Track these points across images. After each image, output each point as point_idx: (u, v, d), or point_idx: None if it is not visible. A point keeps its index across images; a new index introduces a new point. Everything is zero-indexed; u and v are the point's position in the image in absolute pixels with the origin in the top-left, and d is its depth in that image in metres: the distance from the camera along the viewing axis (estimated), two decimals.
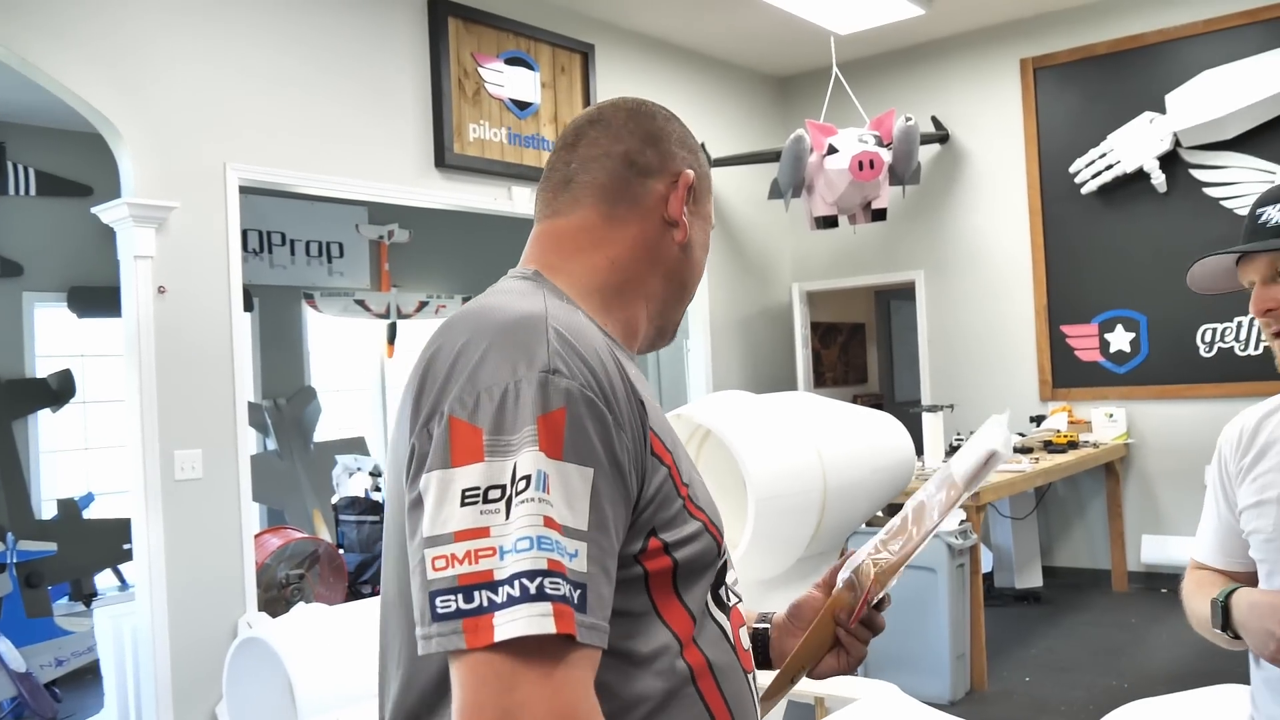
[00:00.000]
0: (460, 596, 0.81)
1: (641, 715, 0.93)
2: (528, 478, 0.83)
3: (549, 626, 0.79)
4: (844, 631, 1.20)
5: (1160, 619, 5.50)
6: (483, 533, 0.82)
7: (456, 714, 0.81)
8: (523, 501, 0.83)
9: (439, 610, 0.82)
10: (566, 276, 1.07)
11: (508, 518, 0.82)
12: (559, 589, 0.81)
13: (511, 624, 0.79)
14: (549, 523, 0.82)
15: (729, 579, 1.07)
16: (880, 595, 1.17)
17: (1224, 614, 1.58)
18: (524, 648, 0.80)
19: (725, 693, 0.99)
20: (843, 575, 1.21)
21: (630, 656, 0.93)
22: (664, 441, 0.97)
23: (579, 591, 0.82)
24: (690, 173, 1.13)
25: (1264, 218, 1.61)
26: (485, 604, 0.80)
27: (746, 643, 1.08)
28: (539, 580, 0.80)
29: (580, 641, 0.81)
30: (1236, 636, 1.59)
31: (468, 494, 0.84)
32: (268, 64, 4.53)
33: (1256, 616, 1.52)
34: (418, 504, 0.87)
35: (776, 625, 1.28)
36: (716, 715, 0.98)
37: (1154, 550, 6.20)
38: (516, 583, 0.80)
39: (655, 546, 0.94)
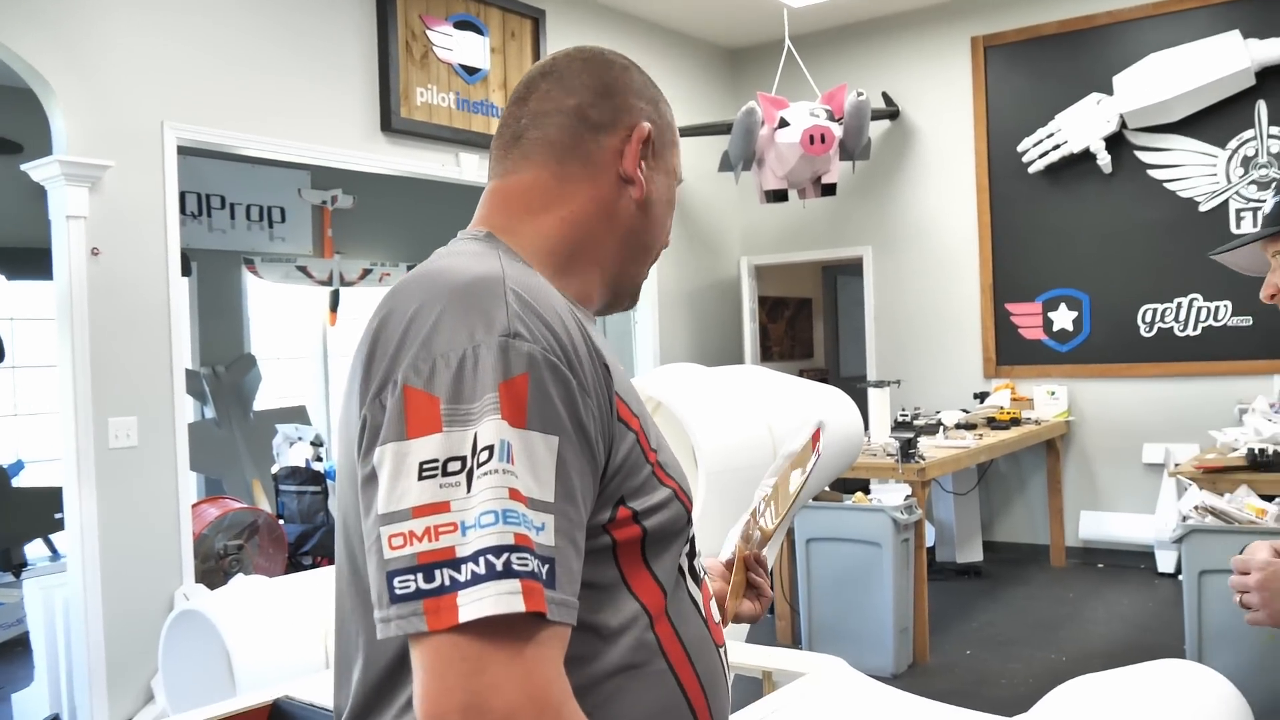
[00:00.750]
0: (420, 576, 0.76)
1: (610, 690, 0.90)
2: (490, 448, 0.78)
3: (518, 605, 0.75)
4: (753, 575, 1.29)
5: (1097, 594, 5.60)
6: (443, 507, 0.77)
7: (420, 700, 0.76)
8: (486, 473, 0.78)
9: (397, 591, 0.77)
10: (519, 238, 1.02)
11: (469, 491, 0.77)
12: (527, 564, 0.76)
13: (477, 603, 0.75)
14: (514, 495, 0.78)
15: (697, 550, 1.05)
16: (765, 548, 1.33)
17: None
18: (491, 627, 0.75)
19: (697, 667, 0.97)
20: (731, 541, 1.32)
21: (598, 629, 0.90)
22: (630, 406, 0.94)
23: (547, 566, 0.78)
24: (647, 125, 1.06)
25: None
26: (447, 583, 0.75)
27: (717, 616, 1.05)
28: (506, 556, 0.76)
29: (550, 619, 0.77)
30: None
31: (425, 467, 0.78)
32: (209, 20, 4.38)
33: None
34: (371, 479, 0.82)
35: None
36: (688, 689, 0.95)
37: (1092, 526, 6.31)
38: (481, 559, 0.75)
39: (624, 515, 0.90)
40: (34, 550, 6.44)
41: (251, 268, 7.54)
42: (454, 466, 0.78)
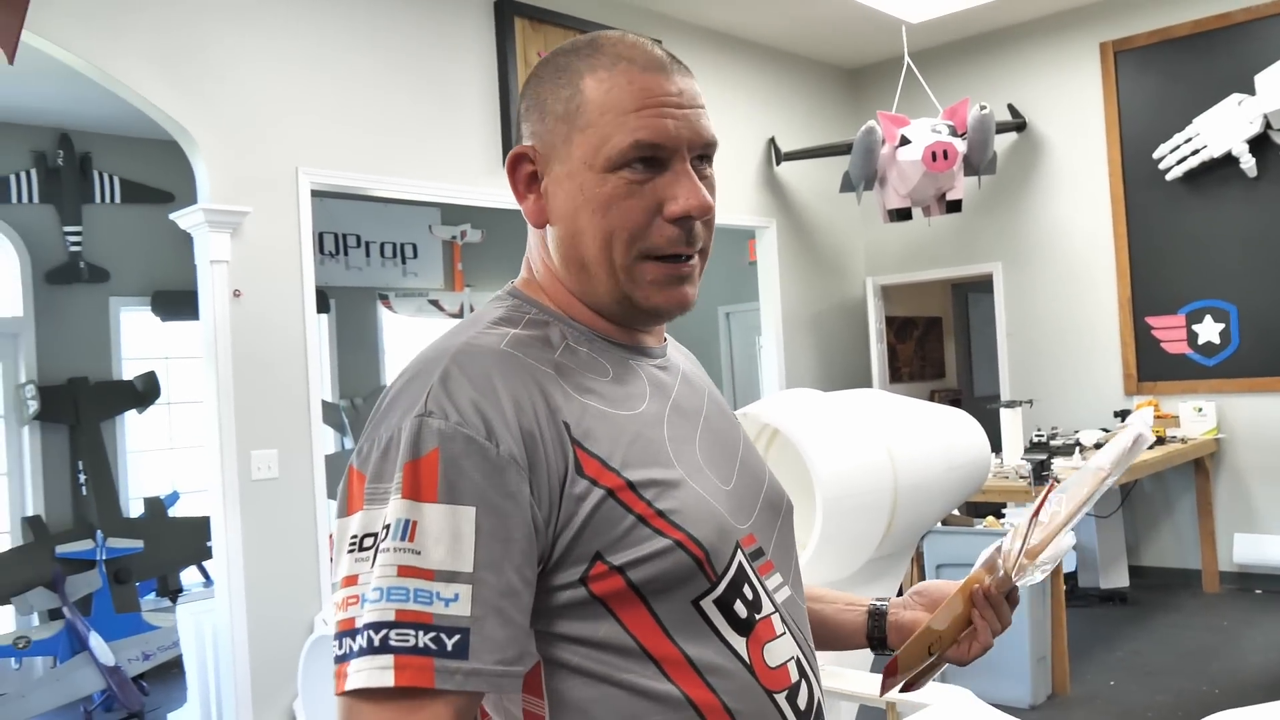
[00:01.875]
0: (339, 642, 0.84)
1: None
2: (388, 526, 0.83)
3: (387, 680, 0.80)
4: (982, 613, 1.13)
5: (1254, 622, 5.29)
6: (353, 580, 0.84)
7: None
8: (381, 551, 0.83)
9: (333, 652, 0.85)
10: (536, 286, 1.05)
11: (371, 566, 0.83)
12: (407, 640, 0.81)
13: (356, 675, 0.81)
14: (405, 571, 0.82)
15: (768, 588, 1.00)
16: (1018, 578, 1.13)
17: None
18: (378, 696, 0.81)
19: (731, 711, 0.93)
20: (982, 557, 1.16)
21: (613, 681, 0.90)
22: (605, 460, 0.91)
23: (456, 637, 0.81)
24: (522, 145, 1.00)
25: None
26: (346, 652, 0.82)
27: (780, 658, 0.98)
28: (384, 632, 0.81)
29: (440, 689, 0.81)
30: None
31: (350, 541, 0.85)
32: (336, 67, 4.59)
33: None
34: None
35: (895, 602, 1.22)
36: None
37: (1247, 549, 5.97)
38: (365, 634, 0.81)
39: (601, 570, 0.89)
40: (189, 577, 6.78)
41: (386, 303, 7.81)
42: (368, 542, 0.84)
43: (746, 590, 0.97)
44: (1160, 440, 5.73)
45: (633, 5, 5.87)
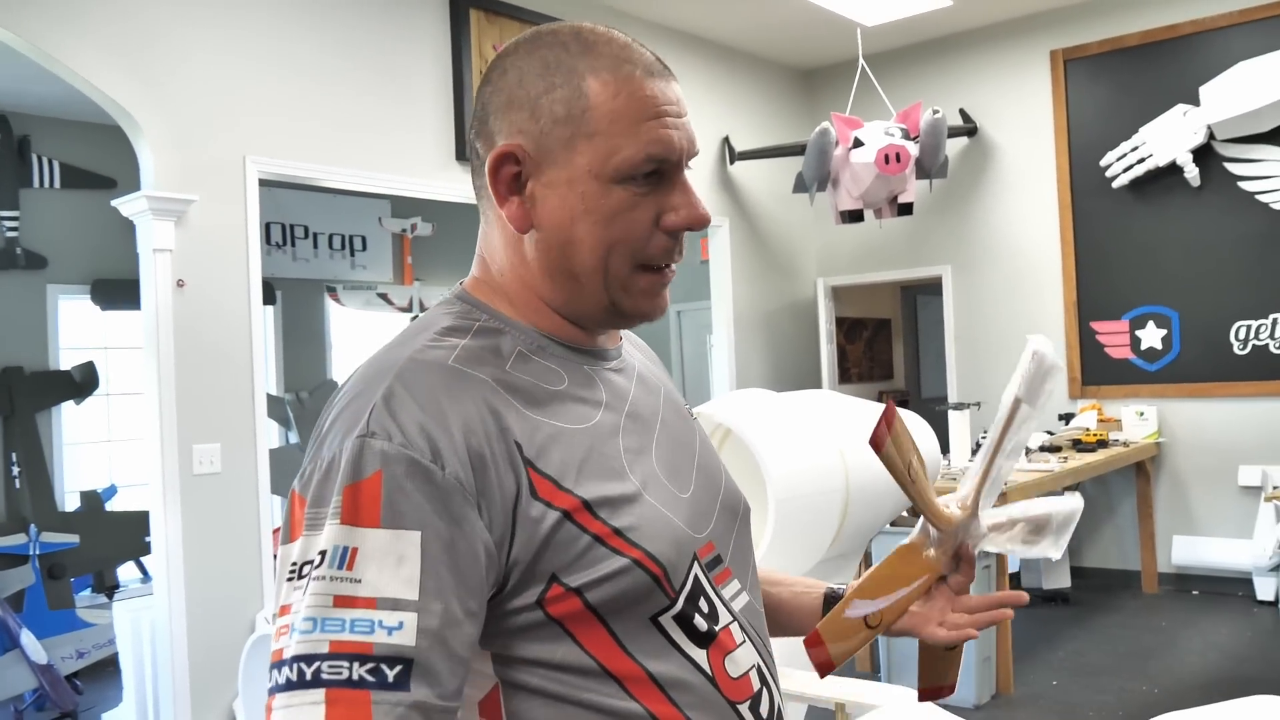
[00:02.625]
0: (270, 674, 0.79)
1: None
2: (324, 553, 0.79)
3: (318, 715, 0.75)
4: (955, 568, 1.09)
5: (1192, 622, 5.39)
6: (286, 609, 0.80)
7: None
8: (314, 579, 0.78)
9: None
10: (488, 289, 0.98)
11: (304, 595, 0.79)
12: (340, 673, 0.76)
13: (284, 710, 0.76)
14: (340, 601, 0.77)
15: (720, 596, 0.97)
16: (998, 540, 1.09)
17: None
18: None
19: None
20: (915, 531, 1.10)
21: (577, 701, 0.87)
22: (558, 481, 0.87)
23: (399, 668, 0.77)
24: (502, 148, 0.92)
25: None
26: (274, 685, 0.78)
27: (741, 668, 0.96)
28: (316, 665, 0.76)
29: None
30: None
31: (290, 569, 0.81)
32: (288, 56, 4.50)
33: None
34: None
35: (852, 587, 1.17)
36: None
37: (1186, 551, 6.09)
38: (295, 666, 0.76)
39: (558, 592, 0.86)
40: (126, 572, 6.63)
41: (334, 295, 7.71)
42: (306, 570, 0.79)
43: (703, 603, 0.94)
44: (1102, 443, 5.82)
45: (591, 1, 5.84)
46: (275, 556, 0.88)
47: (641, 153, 0.91)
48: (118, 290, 6.46)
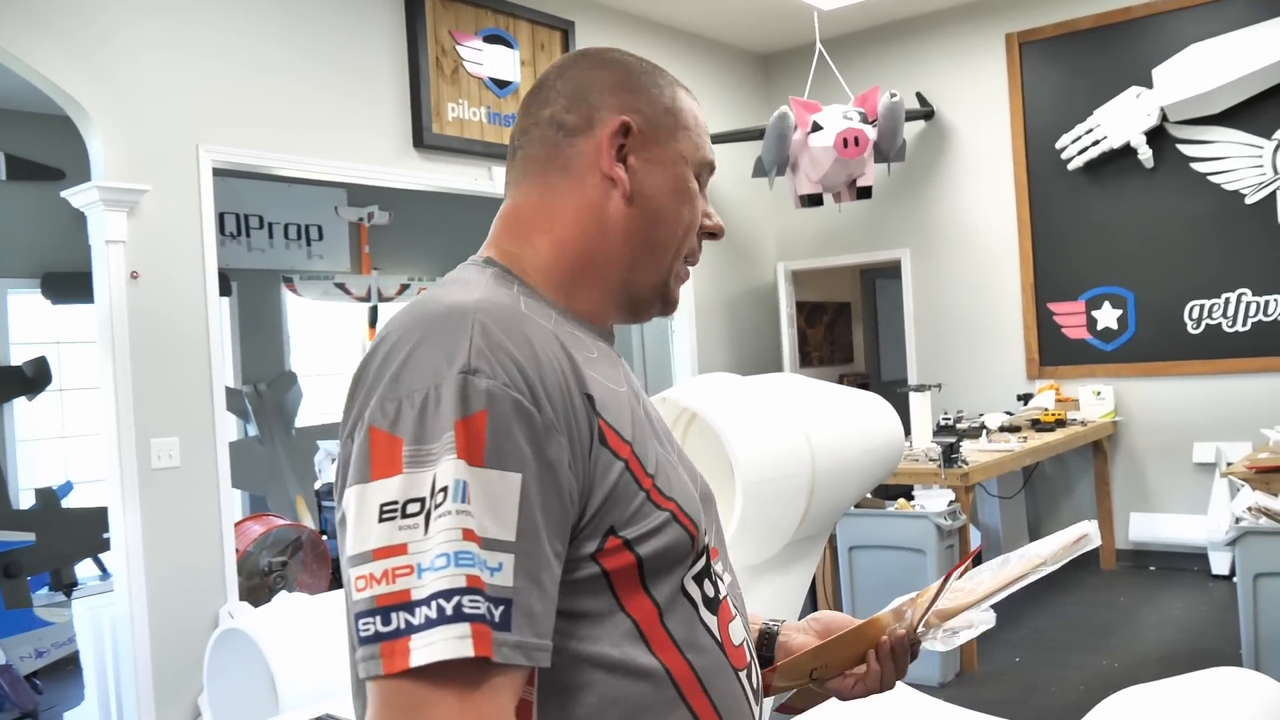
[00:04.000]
0: (379, 619, 0.76)
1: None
2: (445, 489, 0.78)
3: (466, 650, 0.75)
4: (876, 653, 1.15)
5: (1149, 598, 5.49)
6: (400, 550, 0.77)
7: None
8: (441, 515, 0.77)
9: (362, 633, 0.77)
10: (518, 261, 1.01)
11: (426, 532, 0.77)
12: (478, 608, 0.76)
13: (428, 648, 0.75)
14: (468, 535, 0.77)
15: (719, 572, 1.02)
16: (923, 634, 1.16)
17: None
18: (439, 672, 0.75)
19: (711, 694, 0.95)
20: (895, 603, 1.19)
21: (600, 660, 0.88)
22: (620, 432, 0.91)
23: (501, 608, 0.77)
24: (621, 118, 1.01)
25: None
26: (403, 626, 0.76)
27: (739, 637, 1.01)
28: (456, 599, 0.75)
29: (499, 662, 0.77)
30: None
31: (385, 509, 0.79)
32: (240, 44, 4.43)
33: None
34: (343, 522, 0.83)
35: (789, 626, 1.23)
36: (701, 717, 0.94)
37: (1142, 528, 6.19)
38: (434, 603, 0.75)
39: (614, 545, 0.88)
40: (84, 570, 6.52)
41: (291, 286, 7.61)
42: (413, 508, 0.78)
43: (710, 571, 0.99)
44: (1060, 423, 5.90)
45: None
46: (341, 496, 0.85)
47: (709, 158, 1.08)
48: (69, 283, 6.33)
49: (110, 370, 3.95)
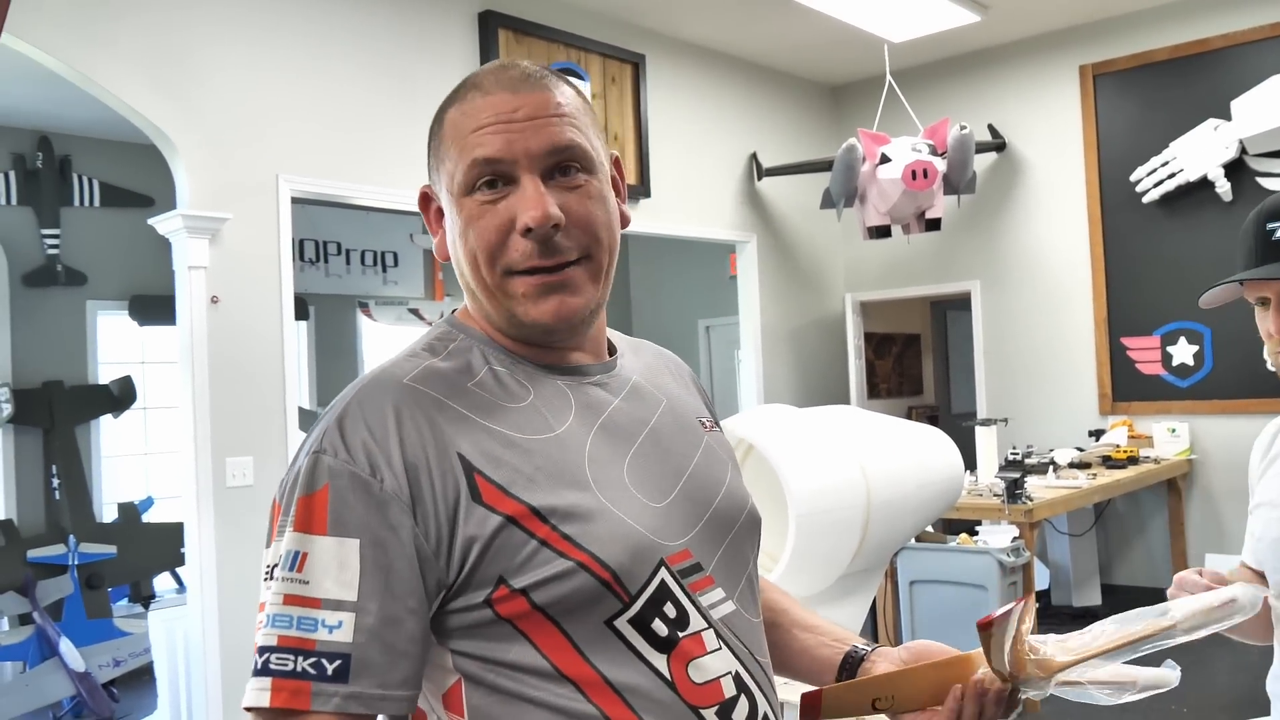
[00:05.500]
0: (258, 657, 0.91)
1: None
2: (281, 557, 0.90)
3: (264, 700, 0.86)
4: (965, 702, 1.04)
5: (1222, 641, 5.29)
6: (261, 606, 0.90)
7: None
8: (275, 579, 0.89)
9: None
10: (472, 311, 1.09)
11: (268, 594, 0.90)
12: (285, 664, 0.87)
13: (247, 694, 0.88)
14: (290, 600, 0.88)
15: (695, 603, 0.98)
16: (1024, 693, 1.04)
17: None
18: (264, 714, 0.87)
19: None
20: (1007, 645, 1.03)
21: (530, 700, 0.92)
22: (505, 487, 0.92)
23: (338, 662, 0.87)
24: (424, 185, 1.07)
25: (1277, 234, 1.54)
26: (252, 670, 0.89)
27: (707, 675, 0.96)
28: (267, 656, 0.87)
29: (317, 710, 0.86)
30: None
31: (266, 571, 0.92)
32: (319, 76, 4.59)
33: None
34: None
35: (880, 652, 1.17)
36: None
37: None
38: (255, 656, 0.88)
39: (504, 593, 0.91)
40: (162, 583, 6.73)
41: (366, 311, 7.80)
42: (275, 572, 0.90)
43: (669, 608, 0.96)
44: (1133, 460, 5.78)
45: (616, 19, 5.90)
46: None
47: (468, 159, 0.97)
48: (154, 306, 6.58)
49: (190, 390, 4.10)
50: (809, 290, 7.27)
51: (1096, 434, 6.26)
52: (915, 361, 8.75)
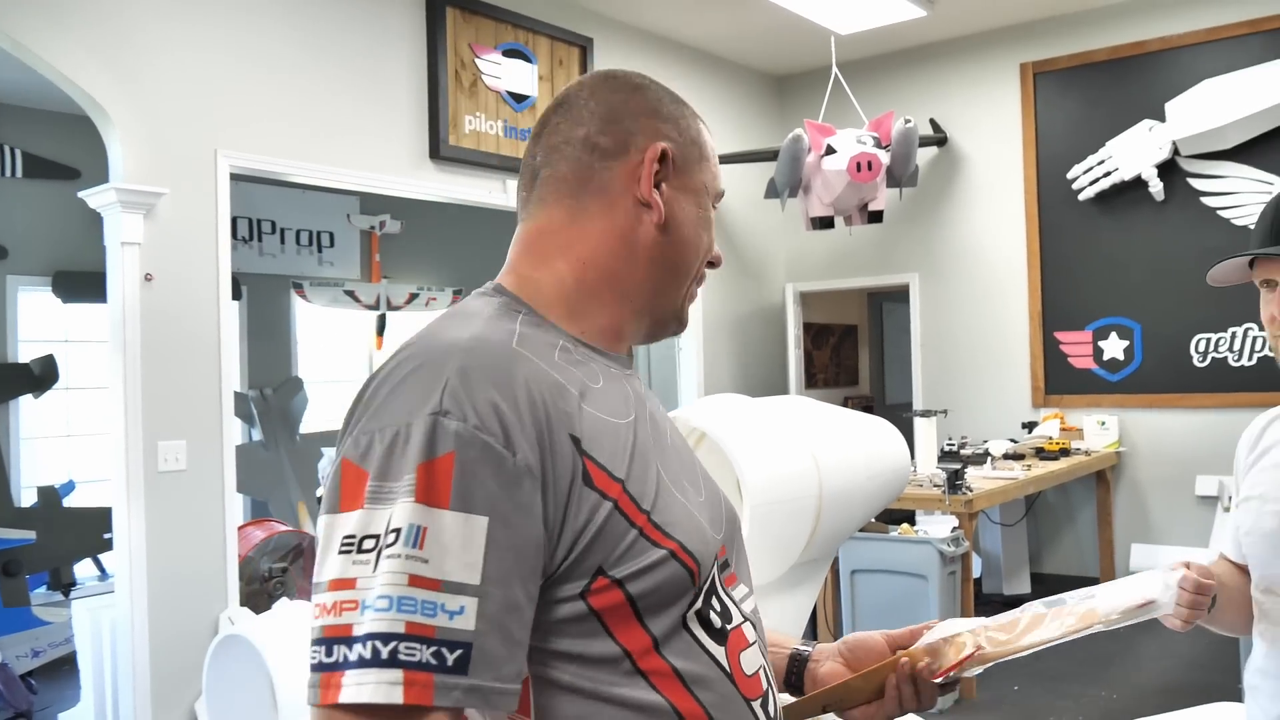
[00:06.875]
0: (323, 650, 0.78)
1: None
2: (398, 531, 0.79)
3: (396, 696, 0.76)
4: (900, 687, 1.13)
5: (1149, 629, 5.43)
6: (349, 584, 0.79)
7: None
8: (389, 556, 0.78)
9: (310, 659, 0.79)
10: (534, 286, 1.00)
11: (374, 571, 0.78)
12: (414, 655, 0.77)
13: (358, 687, 0.76)
14: (415, 581, 0.78)
15: (731, 598, 1.00)
16: (957, 675, 1.14)
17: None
18: (370, 711, 0.76)
19: (712, 716, 0.93)
20: (929, 638, 1.17)
21: (603, 697, 0.88)
22: (610, 470, 0.89)
23: (459, 652, 0.78)
24: (660, 145, 1.02)
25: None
26: (340, 660, 0.77)
27: (753, 667, 0.99)
28: (393, 644, 0.76)
29: (439, 705, 0.77)
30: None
31: (345, 541, 0.80)
32: (262, 51, 4.46)
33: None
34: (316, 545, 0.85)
35: (820, 650, 1.22)
36: None
37: (1143, 559, 6.18)
38: (370, 643, 0.77)
39: (602, 584, 0.87)
40: (83, 570, 6.52)
41: (300, 292, 7.63)
42: (368, 544, 0.79)
43: (716, 602, 0.97)
44: (1065, 452, 5.90)
45: (567, 2, 5.83)
46: (317, 523, 0.86)
47: (721, 188, 1.11)
48: (80, 283, 6.35)
49: (120, 371, 3.96)
50: (751, 280, 7.28)
51: (1029, 426, 6.38)
52: (852, 352, 8.84)
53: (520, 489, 0.82)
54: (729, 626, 0.98)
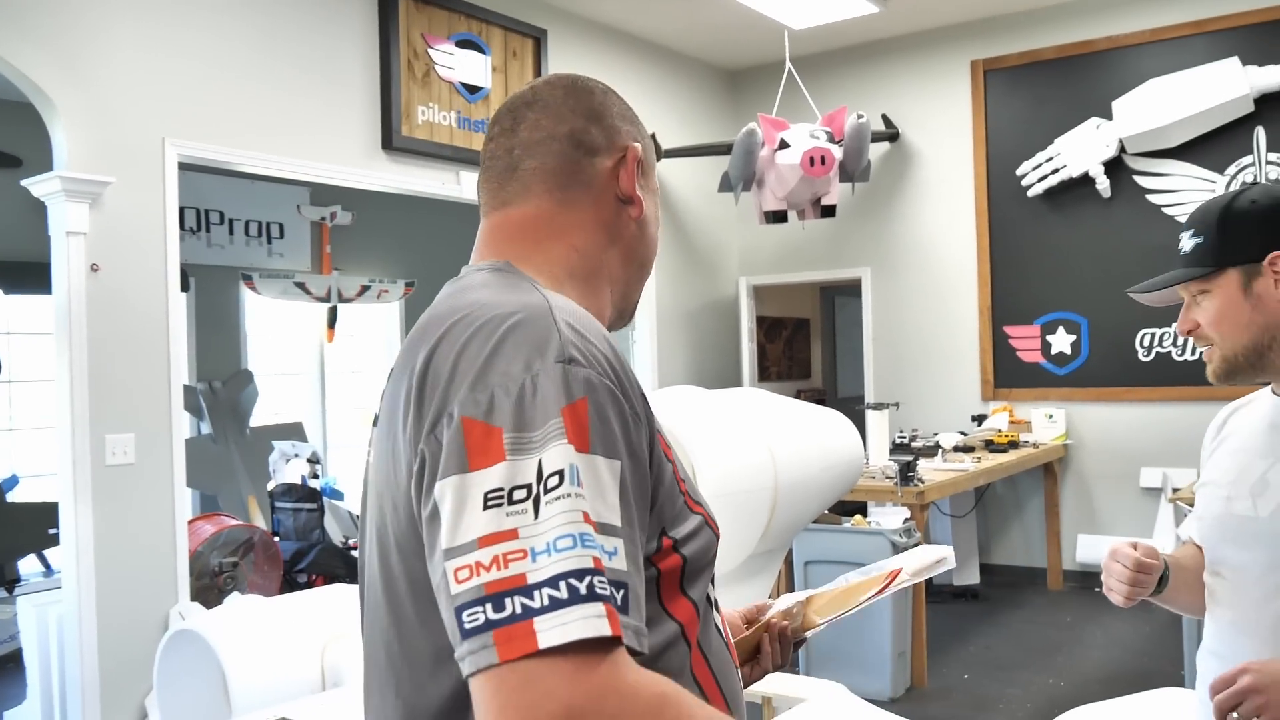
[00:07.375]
0: (489, 606, 0.74)
1: None
2: (560, 472, 0.77)
3: (604, 629, 0.73)
4: (772, 645, 1.25)
5: (1095, 618, 5.58)
6: (510, 535, 0.76)
7: None
8: (557, 498, 0.77)
9: (466, 625, 0.74)
10: (534, 269, 1.01)
11: (537, 517, 0.76)
12: (605, 590, 0.75)
13: (561, 628, 0.72)
14: (586, 519, 0.77)
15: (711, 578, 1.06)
16: (803, 635, 1.28)
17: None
18: (566, 655, 0.72)
19: (724, 690, 0.98)
20: (778, 607, 1.30)
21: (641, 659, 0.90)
22: (665, 436, 0.95)
23: (621, 592, 0.76)
24: (638, 146, 1.09)
25: (1180, 244, 1.70)
26: (519, 611, 0.73)
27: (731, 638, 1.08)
28: (589, 579, 0.74)
29: (626, 644, 0.75)
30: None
31: (490, 497, 0.77)
32: (211, 38, 4.39)
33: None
34: (434, 516, 0.80)
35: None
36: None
37: (1089, 550, 6.30)
38: (562, 584, 0.74)
39: (666, 545, 0.90)
40: (27, 566, 6.40)
41: (250, 284, 7.53)
42: (520, 495, 0.77)
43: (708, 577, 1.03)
44: (1013, 444, 5.99)
45: None
46: (428, 493, 0.82)
47: (656, 185, 1.16)
48: (22, 274, 6.22)
49: (67, 364, 3.89)
50: (704, 273, 7.31)
51: (979, 419, 6.47)
52: (804, 345, 8.90)
53: (640, 435, 0.85)
54: (718, 600, 1.04)
